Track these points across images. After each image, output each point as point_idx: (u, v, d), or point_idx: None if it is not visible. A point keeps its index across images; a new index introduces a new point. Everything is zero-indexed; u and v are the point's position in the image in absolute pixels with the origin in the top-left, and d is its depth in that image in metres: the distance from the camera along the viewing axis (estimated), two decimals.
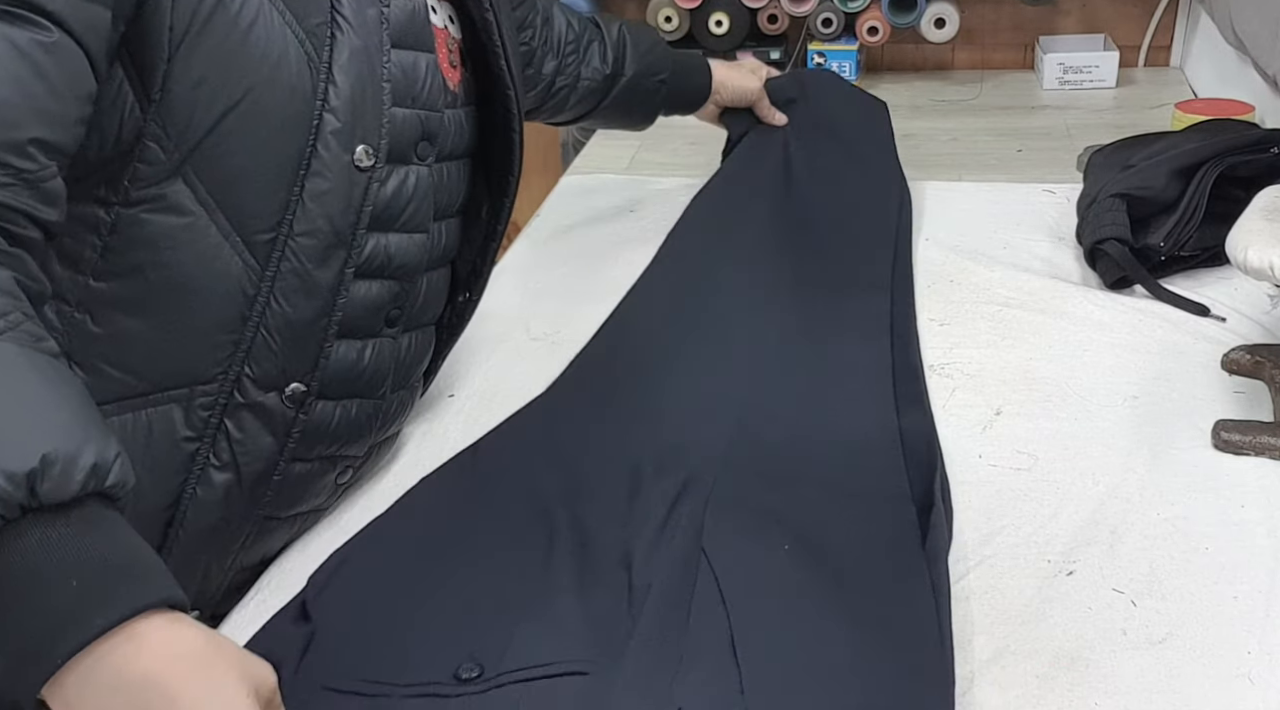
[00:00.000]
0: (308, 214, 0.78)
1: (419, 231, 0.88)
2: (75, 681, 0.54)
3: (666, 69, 1.33)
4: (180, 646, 0.56)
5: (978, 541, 0.84)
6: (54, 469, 0.55)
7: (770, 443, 0.95)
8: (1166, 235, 1.16)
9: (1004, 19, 1.96)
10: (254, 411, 0.81)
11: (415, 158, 0.87)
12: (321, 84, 0.77)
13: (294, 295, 0.79)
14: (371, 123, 0.81)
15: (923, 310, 1.17)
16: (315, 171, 0.78)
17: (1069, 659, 0.73)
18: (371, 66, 0.80)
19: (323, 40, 0.77)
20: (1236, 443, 0.91)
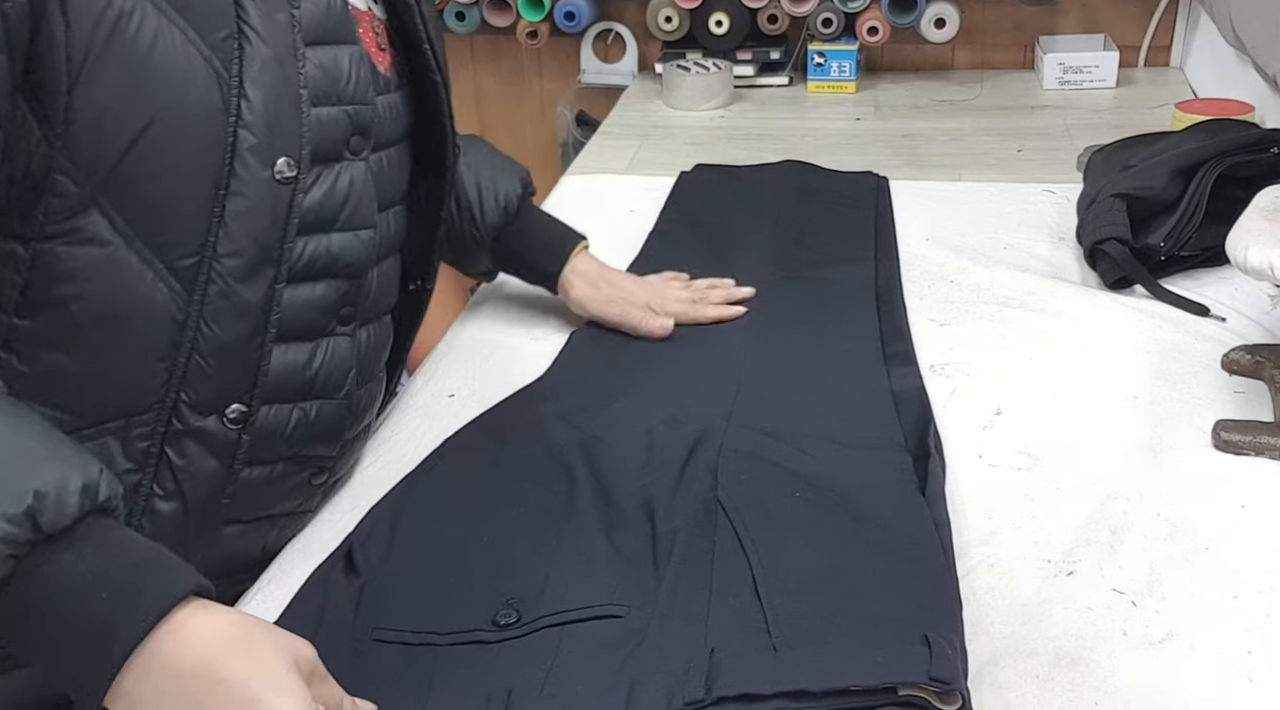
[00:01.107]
0: (230, 234, 0.76)
1: (364, 228, 0.86)
2: (132, 683, 0.58)
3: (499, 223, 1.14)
4: (220, 631, 0.60)
5: (978, 541, 0.84)
6: (48, 500, 0.59)
7: (769, 402, 0.99)
8: (1166, 235, 1.16)
9: (1004, 19, 1.96)
10: (195, 437, 0.79)
11: (348, 154, 0.84)
12: (233, 100, 0.74)
13: (223, 317, 0.77)
14: (290, 132, 0.77)
15: (923, 310, 1.17)
16: (235, 191, 0.75)
17: (1069, 659, 0.73)
18: (285, 74, 0.77)
19: (230, 54, 0.74)
20: (1236, 443, 0.91)
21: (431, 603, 0.77)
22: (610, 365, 1.08)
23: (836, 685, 0.65)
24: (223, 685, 0.58)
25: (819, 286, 1.21)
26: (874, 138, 1.72)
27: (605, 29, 2.08)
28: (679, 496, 0.85)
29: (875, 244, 1.30)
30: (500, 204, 1.12)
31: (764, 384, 1.02)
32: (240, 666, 0.59)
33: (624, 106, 1.93)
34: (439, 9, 2.01)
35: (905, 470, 0.88)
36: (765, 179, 1.50)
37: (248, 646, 0.60)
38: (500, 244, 1.14)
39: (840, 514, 0.83)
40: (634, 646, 0.71)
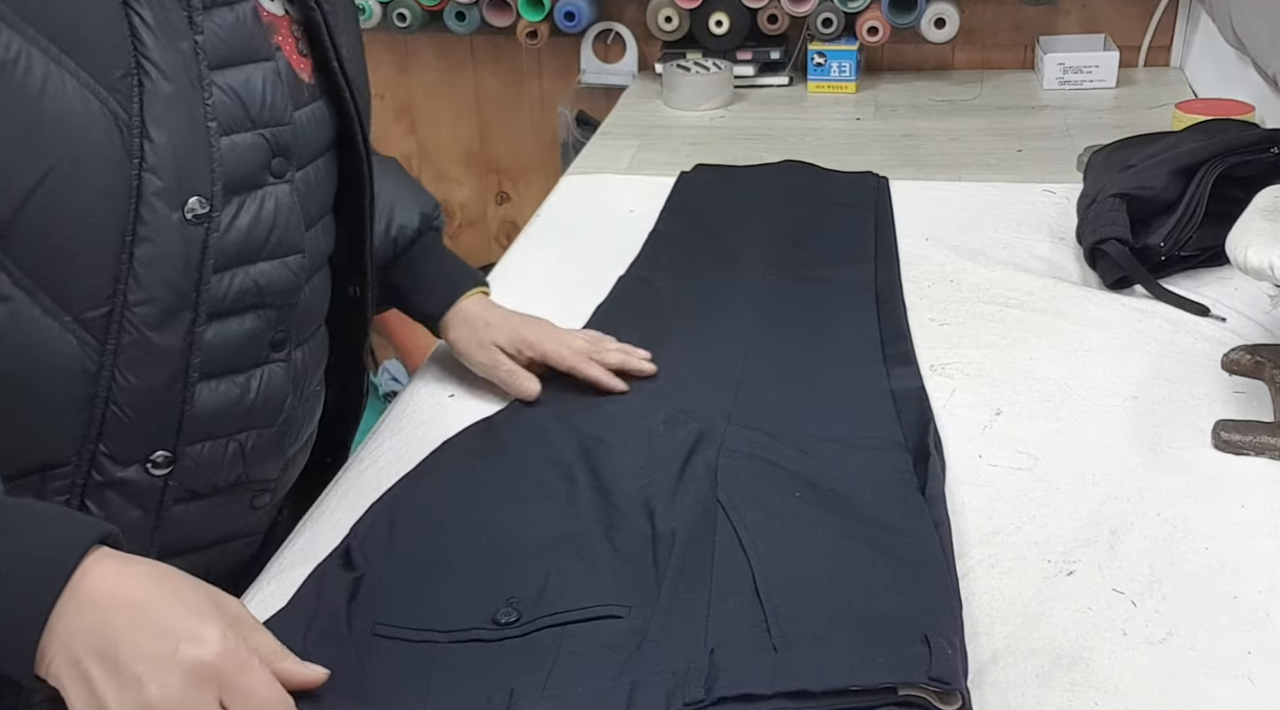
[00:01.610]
0: (141, 282, 0.72)
1: (291, 254, 0.82)
2: (56, 637, 0.59)
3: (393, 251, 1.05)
4: (133, 570, 0.62)
5: (977, 541, 0.84)
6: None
7: (768, 402, 0.99)
8: (1166, 235, 1.16)
9: (1004, 19, 1.96)
10: (116, 488, 0.76)
11: (270, 179, 0.79)
12: (135, 142, 0.70)
13: (139, 365, 0.74)
14: (200, 168, 0.73)
15: (923, 310, 1.17)
16: (143, 237, 0.71)
17: (1069, 659, 0.73)
18: (190, 108, 0.72)
19: (130, 94, 0.69)
20: (1237, 443, 0.91)
21: (432, 601, 0.77)
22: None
23: (836, 685, 0.65)
24: (134, 609, 0.60)
25: (819, 287, 1.21)
26: (874, 138, 1.72)
27: (605, 29, 2.08)
28: (679, 496, 0.85)
29: (875, 244, 1.30)
30: (390, 234, 1.03)
31: (764, 384, 1.02)
32: (156, 593, 0.61)
33: (624, 106, 1.93)
34: (437, 9, 2.01)
35: (905, 470, 0.88)
36: (765, 179, 1.50)
37: (164, 579, 0.62)
38: (386, 277, 1.04)
39: (840, 514, 0.83)
40: (634, 647, 0.72)
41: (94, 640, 0.59)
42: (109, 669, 0.58)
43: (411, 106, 2.24)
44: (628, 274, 1.26)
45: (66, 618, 0.59)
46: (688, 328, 1.14)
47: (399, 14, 2.00)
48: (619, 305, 1.20)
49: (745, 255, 1.28)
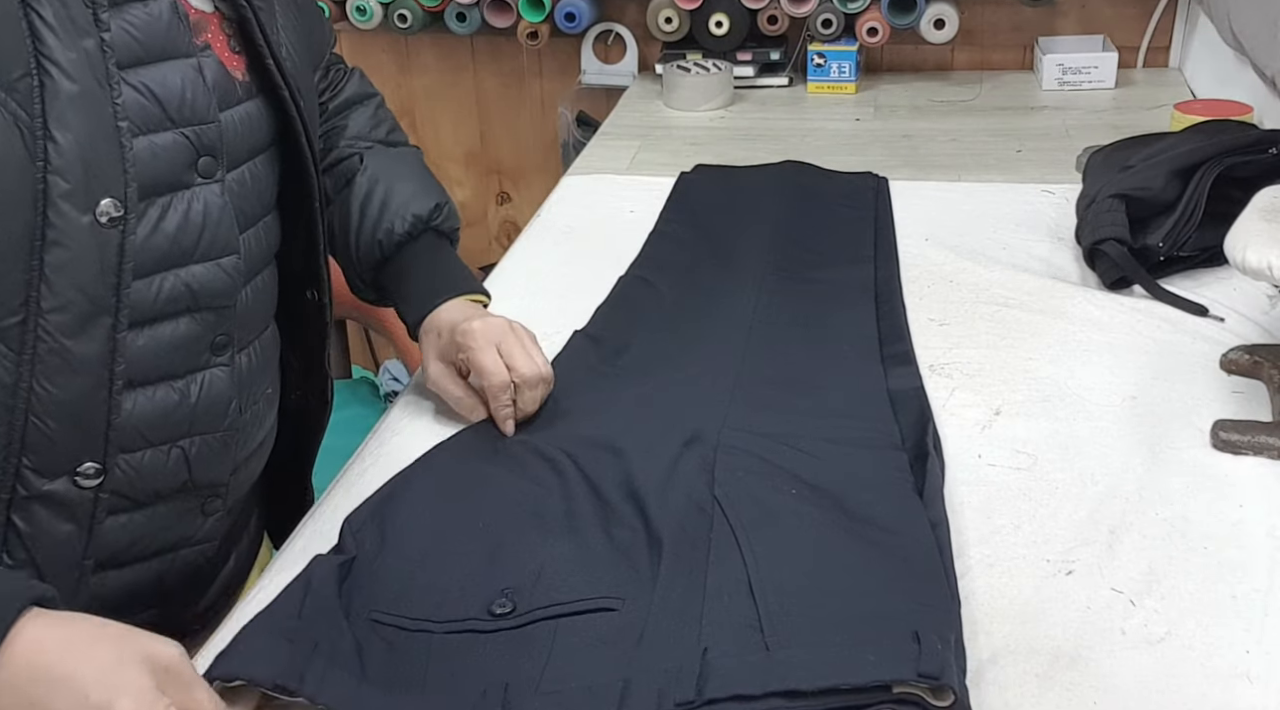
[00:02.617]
0: (54, 288, 0.70)
1: (226, 255, 0.79)
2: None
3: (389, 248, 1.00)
4: (58, 635, 0.60)
5: (977, 541, 0.84)
6: None
7: (766, 401, 0.99)
8: (1165, 235, 1.16)
9: (1003, 19, 1.96)
10: (43, 502, 0.74)
11: (198, 179, 0.77)
12: (39, 144, 0.67)
13: (58, 374, 0.71)
14: (111, 170, 0.70)
15: (922, 310, 1.17)
16: (52, 241, 0.69)
17: (1068, 658, 0.73)
18: (98, 107, 0.70)
19: (30, 94, 0.67)
20: (1235, 442, 0.91)
21: (428, 591, 0.78)
22: (609, 365, 1.09)
23: (827, 684, 0.65)
24: (54, 684, 0.59)
25: (818, 287, 1.21)
26: (874, 138, 1.72)
27: (605, 30, 2.08)
28: (675, 494, 0.85)
29: (874, 244, 1.31)
30: (376, 237, 0.99)
31: (762, 384, 1.02)
32: (73, 664, 0.59)
33: (624, 107, 1.93)
34: (438, 9, 2.02)
35: (902, 469, 0.89)
36: (765, 179, 1.51)
37: (86, 646, 0.61)
38: (375, 277, 1.01)
39: (836, 512, 0.83)
40: (628, 644, 0.72)
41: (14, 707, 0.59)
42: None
43: (412, 107, 2.24)
44: (628, 274, 1.26)
45: None
46: (687, 328, 1.14)
47: (400, 15, 2.01)
48: (619, 305, 1.20)
49: (745, 255, 1.29)
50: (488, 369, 0.93)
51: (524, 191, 2.29)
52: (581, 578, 0.78)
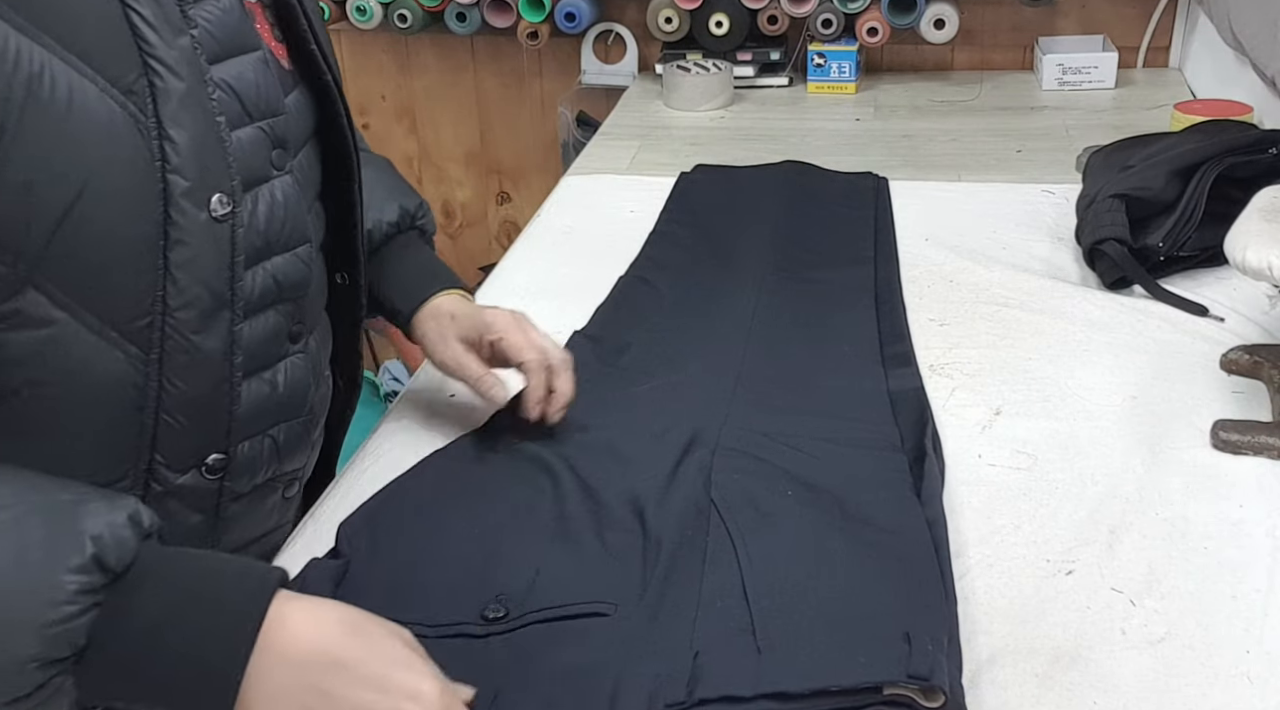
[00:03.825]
0: (179, 286, 0.71)
1: (300, 244, 0.81)
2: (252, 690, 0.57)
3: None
4: (322, 617, 0.60)
5: (977, 541, 0.84)
6: (105, 541, 0.57)
7: (765, 402, 0.99)
8: (1165, 235, 1.16)
9: (1003, 20, 1.97)
10: (176, 496, 0.76)
11: (273, 172, 0.78)
12: (157, 144, 0.68)
13: (186, 371, 0.73)
14: (218, 165, 0.72)
15: (923, 310, 1.17)
16: (175, 240, 0.70)
17: (1068, 658, 0.73)
18: (201, 104, 0.71)
19: (144, 96, 0.68)
20: (1235, 442, 0.91)
21: (421, 595, 0.78)
22: (608, 365, 1.09)
23: (817, 686, 0.65)
24: (345, 668, 0.58)
25: (818, 287, 1.21)
26: (873, 138, 1.72)
27: (605, 30, 2.08)
28: (671, 496, 0.85)
29: (874, 244, 1.31)
30: (365, 227, 0.98)
31: (762, 384, 1.02)
32: (356, 647, 0.59)
33: (624, 107, 1.93)
34: (438, 9, 2.02)
35: (900, 470, 0.88)
36: (765, 179, 1.51)
37: (355, 628, 0.60)
38: None
39: (833, 512, 0.83)
40: (620, 649, 0.72)
41: (305, 701, 0.58)
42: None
43: (412, 107, 2.24)
44: (628, 274, 1.27)
45: (269, 674, 0.57)
46: (687, 328, 1.14)
47: (400, 15, 2.01)
48: (619, 305, 1.20)
49: (745, 255, 1.29)
50: (526, 347, 0.94)
51: (524, 191, 2.29)
52: (575, 583, 0.78)
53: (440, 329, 0.97)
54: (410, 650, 0.60)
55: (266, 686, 0.57)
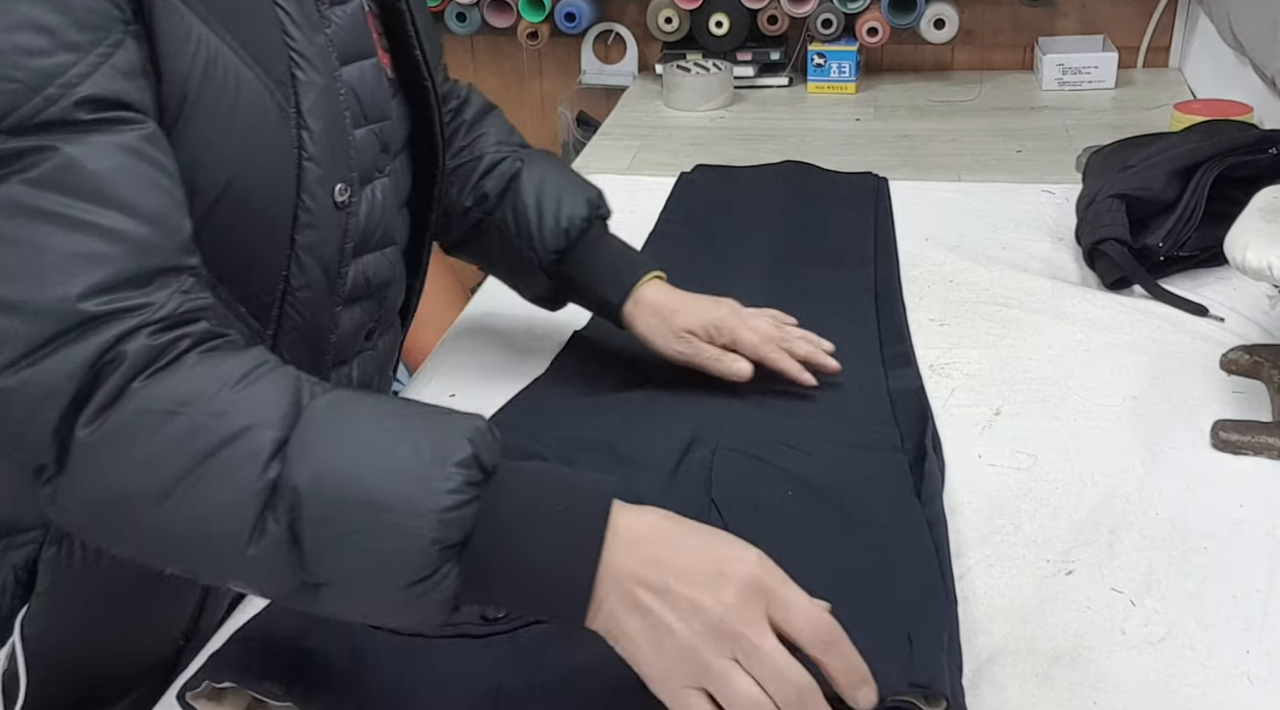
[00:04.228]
0: (303, 266, 0.76)
1: (389, 245, 0.85)
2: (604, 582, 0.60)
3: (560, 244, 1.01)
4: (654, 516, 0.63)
5: (976, 541, 0.84)
6: (479, 442, 0.60)
7: (765, 403, 0.99)
8: (1165, 235, 1.16)
9: (1003, 20, 1.97)
10: None
11: (377, 173, 0.83)
12: (295, 133, 0.73)
13: (294, 348, 0.77)
14: (343, 158, 0.77)
15: (922, 310, 1.17)
16: (305, 223, 0.75)
17: (1068, 658, 0.73)
18: (333, 98, 0.76)
19: (288, 87, 0.72)
20: (1235, 442, 0.91)
21: None
22: (608, 365, 1.08)
23: None
24: (678, 544, 0.61)
25: (818, 288, 1.21)
26: (873, 138, 1.72)
27: (605, 30, 2.08)
28: (671, 496, 0.85)
29: (874, 245, 1.31)
30: (561, 225, 1.01)
31: (761, 384, 1.02)
32: (682, 530, 0.63)
33: (624, 107, 1.93)
34: (438, 9, 2.02)
35: (900, 470, 0.88)
36: (765, 180, 1.51)
37: (679, 519, 0.64)
38: (560, 269, 1.03)
39: (833, 513, 0.83)
40: None
41: (643, 574, 0.60)
42: (663, 596, 0.59)
43: None
44: None
45: (613, 560, 0.60)
46: None
47: None
48: None
49: (745, 256, 1.29)
50: (760, 344, 0.98)
51: None
52: None
53: (664, 323, 1.00)
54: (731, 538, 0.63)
55: (609, 571, 0.60)
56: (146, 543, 0.60)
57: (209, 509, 0.58)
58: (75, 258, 0.58)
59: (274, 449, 0.58)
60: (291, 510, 0.57)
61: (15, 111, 0.58)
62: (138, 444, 0.58)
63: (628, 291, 1.00)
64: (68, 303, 0.57)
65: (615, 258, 1.03)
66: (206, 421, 0.58)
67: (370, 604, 0.61)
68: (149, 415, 0.58)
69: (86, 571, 0.75)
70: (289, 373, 0.62)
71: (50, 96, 0.58)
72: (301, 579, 0.59)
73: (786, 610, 0.60)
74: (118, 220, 0.59)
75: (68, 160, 0.58)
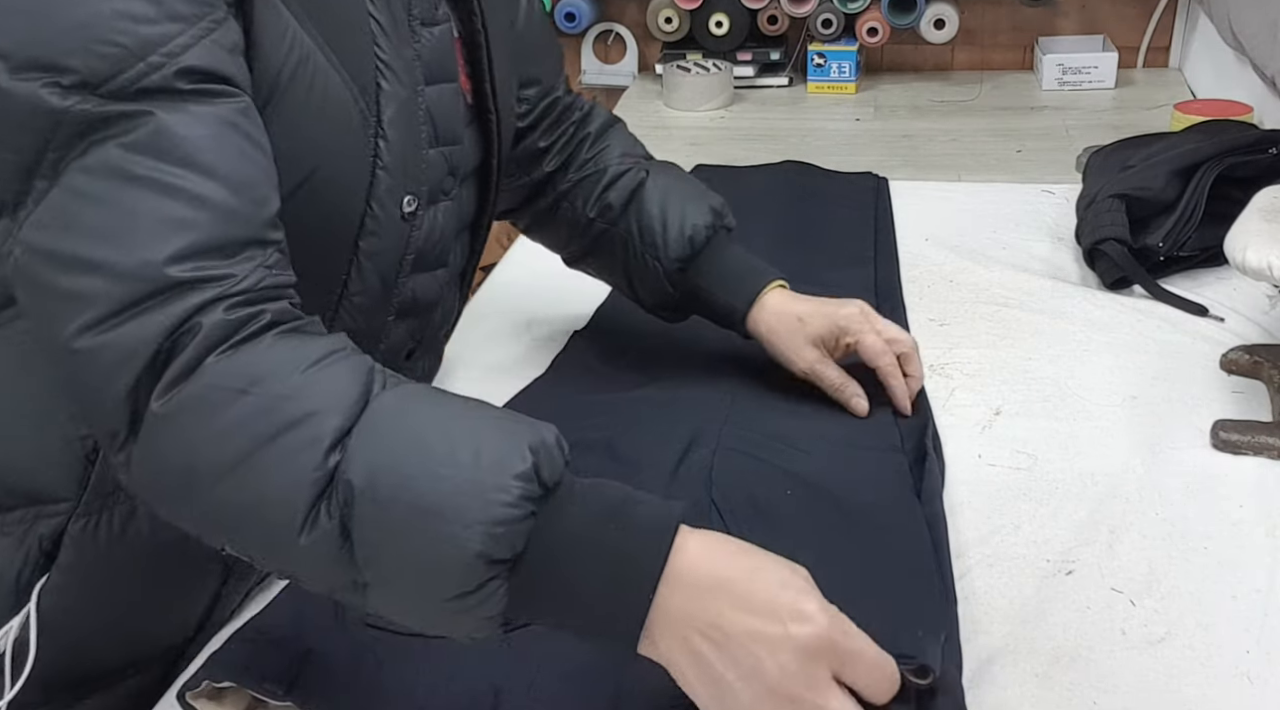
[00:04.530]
0: (363, 273, 0.76)
1: (440, 267, 0.86)
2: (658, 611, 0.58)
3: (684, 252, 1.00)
4: (717, 547, 0.61)
5: (977, 541, 0.84)
6: (542, 454, 0.59)
7: (765, 402, 0.99)
8: (1165, 235, 1.16)
9: (1003, 20, 1.97)
10: None
11: (441, 196, 0.83)
12: (373, 142, 0.73)
13: None
14: (414, 170, 0.77)
15: (922, 310, 1.17)
16: (370, 231, 0.75)
17: (1068, 658, 0.73)
18: (413, 112, 0.76)
19: (372, 94, 0.73)
20: (1235, 442, 0.91)
21: None
22: (609, 366, 1.08)
23: None
24: (739, 590, 0.59)
25: (818, 288, 1.20)
26: (874, 138, 1.72)
27: (605, 30, 2.08)
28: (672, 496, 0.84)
29: (875, 245, 1.31)
30: (685, 234, 1.00)
31: (761, 385, 1.02)
32: (744, 568, 0.60)
33: (624, 107, 1.93)
34: None
35: (900, 470, 0.88)
36: (765, 180, 1.50)
37: (744, 551, 0.61)
38: (684, 278, 1.01)
39: (832, 512, 0.83)
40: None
41: (701, 620, 0.58)
42: (721, 649, 0.58)
43: None
44: None
45: (670, 597, 0.59)
46: (686, 328, 1.13)
47: None
48: (619, 306, 1.20)
49: None
50: (882, 351, 0.96)
51: None
52: None
53: (791, 333, 0.98)
54: (796, 576, 0.61)
55: (667, 608, 0.59)
56: (205, 518, 0.60)
57: (267, 492, 0.57)
58: (164, 222, 0.58)
59: (336, 438, 0.57)
60: (345, 505, 0.57)
61: (118, 76, 0.58)
62: (206, 419, 0.58)
63: (752, 299, 0.99)
64: (154, 267, 0.57)
65: (739, 265, 1.02)
66: (274, 403, 0.58)
67: (417, 612, 0.60)
68: (220, 392, 0.58)
69: (110, 550, 0.74)
70: (364, 361, 0.62)
71: (153, 63, 0.59)
72: (351, 576, 0.58)
73: (855, 666, 0.59)
74: (207, 187, 0.59)
75: (163, 126, 0.59)
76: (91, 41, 0.58)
